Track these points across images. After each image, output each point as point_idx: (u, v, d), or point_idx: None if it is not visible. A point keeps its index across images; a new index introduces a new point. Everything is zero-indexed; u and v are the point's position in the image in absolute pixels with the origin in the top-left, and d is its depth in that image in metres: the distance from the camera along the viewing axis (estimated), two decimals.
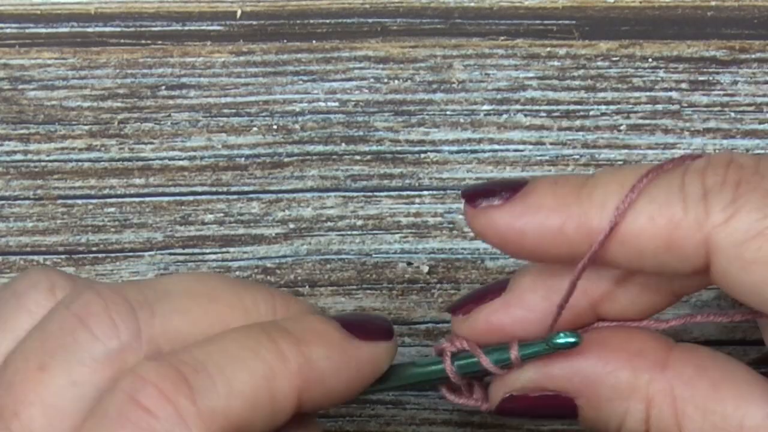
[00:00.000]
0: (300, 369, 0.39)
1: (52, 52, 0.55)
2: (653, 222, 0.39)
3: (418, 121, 0.55)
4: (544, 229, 0.40)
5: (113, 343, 0.39)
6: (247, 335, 0.40)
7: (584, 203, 0.39)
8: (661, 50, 0.55)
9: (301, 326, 0.41)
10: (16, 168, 0.55)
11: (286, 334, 0.40)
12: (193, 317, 0.40)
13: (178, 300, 0.40)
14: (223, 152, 0.55)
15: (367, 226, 0.55)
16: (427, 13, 0.55)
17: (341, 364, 0.40)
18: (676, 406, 0.40)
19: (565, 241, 0.40)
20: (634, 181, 0.39)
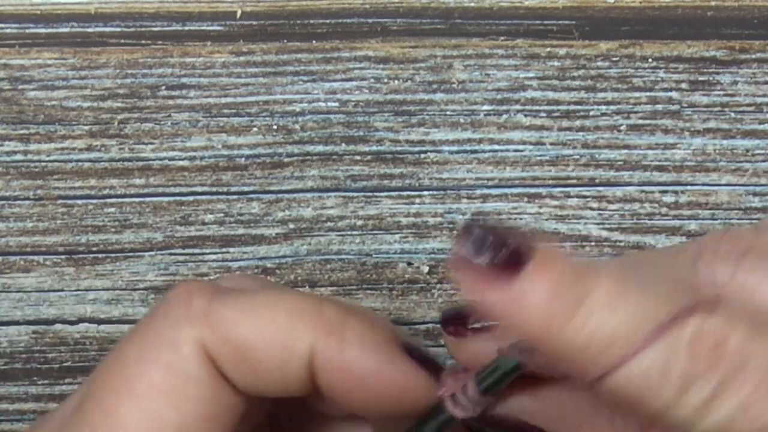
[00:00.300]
0: None
1: (52, 52, 0.55)
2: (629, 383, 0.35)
3: (418, 121, 0.55)
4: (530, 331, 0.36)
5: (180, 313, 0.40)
6: None
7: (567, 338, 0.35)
8: (661, 50, 0.55)
9: None
10: (16, 168, 0.55)
11: None
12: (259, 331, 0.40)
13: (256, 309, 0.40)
14: (223, 152, 0.55)
15: (367, 226, 0.55)
16: (427, 13, 0.55)
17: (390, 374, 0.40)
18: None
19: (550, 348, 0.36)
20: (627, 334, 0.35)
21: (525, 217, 0.55)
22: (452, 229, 0.55)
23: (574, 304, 0.35)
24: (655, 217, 0.55)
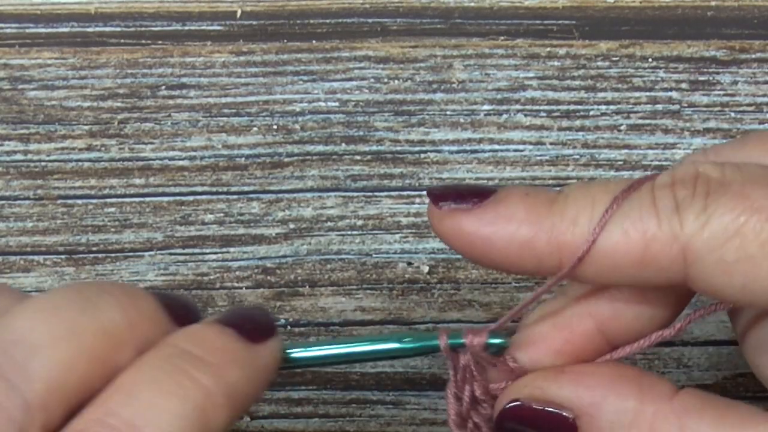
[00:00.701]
0: (226, 397, 0.39)
1: (52, 52, 0.55)
2: (627, 237, 0.39)
3: (418, 121, 0.55)
4: (514, 240, 0.39)
5: (11, 429, 0.37)
6: (163, 377, 0.38)
7: (556, 218, 0.39)
8: (661, 50, 0.55)
9: (208, 348, 0.40)
10: (16, 168, 0.55)
11: (199, 363, 0.39)
12: (67, 364, 0.39)
13: (47, 351, 0.39)
14: (223, 152, 0.55)
15: (367, 226, 0.55)
16: (427, 13, 0.55)
17: (251, 375, 0.40)
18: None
19: (534, 254, 0.39)
20: (605, 198, 0.39)
21: None
22: None
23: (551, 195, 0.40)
24: None
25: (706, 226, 0.38)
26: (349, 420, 0.55)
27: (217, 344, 0.40)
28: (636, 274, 0.39)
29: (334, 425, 0.55)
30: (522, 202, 0.40)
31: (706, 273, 0.38)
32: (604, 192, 0.39)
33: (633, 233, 0.39)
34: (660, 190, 0.39)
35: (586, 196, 0.40)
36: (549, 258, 0.39)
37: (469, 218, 0.40)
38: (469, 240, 0.40)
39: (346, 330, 0.55)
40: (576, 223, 0.39)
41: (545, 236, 0.39)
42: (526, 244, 0.39)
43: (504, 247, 0.40)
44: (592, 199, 0.39)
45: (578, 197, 0.40)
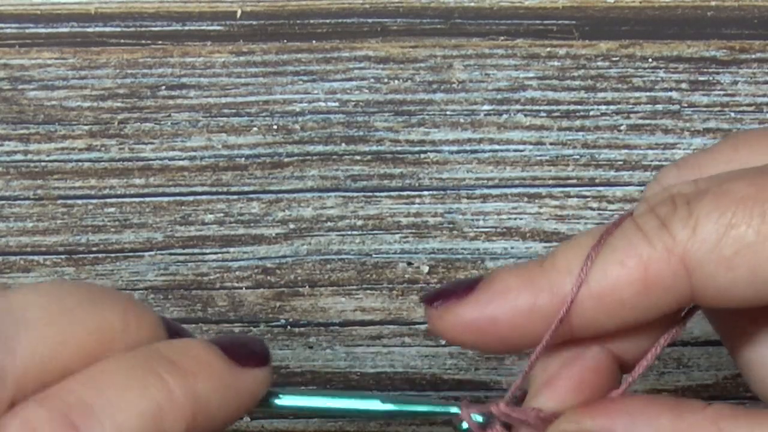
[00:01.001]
0: (188, 403, 0.38)
1: (52, 52, 0.55)
2: (625, 267, 0.38)
3: (418, 121, 0.55)
4: (517, 311, 0.39)
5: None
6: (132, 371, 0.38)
7: (550, 273, 0.39)
8: (661, 50, 0.55)
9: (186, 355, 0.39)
10: (16, 168, 0.55)
11: (171, 367, 0.39)
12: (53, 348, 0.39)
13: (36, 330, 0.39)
14: (223, 152, 0.55)
15: (367, 226, 0.55)
16: (427, 13, 0.55)
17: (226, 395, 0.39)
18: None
19: (540, 317, 0.39)
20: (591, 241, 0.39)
21: (525, 217, 0.55)
22: (452, 229, 0.55)
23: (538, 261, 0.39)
24: None
25: (696, 229, 0.38)
26: (349, 420, 0.55)
27: (195, 354, 0.40)
28: (643, 303, 0.39)
29: (334, 425, 0.55)
30: (513, 273, 0.39)
31: (709, 276, 0.38)
32: (588, 236, 0.39)
33: (628, 261, 0.38)
34: (641, 217, 0.39)
35: (572, 245, 0.39)
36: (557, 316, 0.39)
37: (467, 305, 0.39)
38: (475, 328, 0.39)
39: (346, 330, 0.55)
40: (570, 272, 0.39)
41: (546, 295, 0.39)
42: (530, 311, 0.39)
43: (510, 321, 0.39)
44: (578, 246, 0.39)
45: (565, 249, 0.39)
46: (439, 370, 0.55)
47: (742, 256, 0.38)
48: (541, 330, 0.39)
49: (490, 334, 0.39)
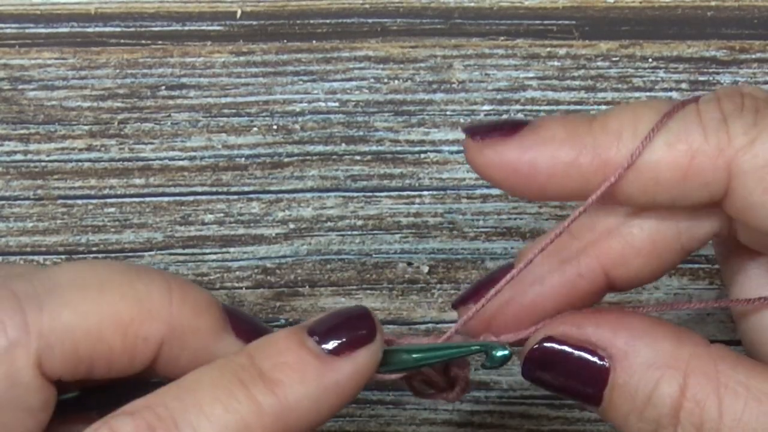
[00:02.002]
0: (276, 417, 0.38)
1: (52, 52, 0.55)
2: (673, 150, 0.38)
3: (418, 121, 0.55)
4: (557, 161, 0.39)
5: (1, 341, 0.38)
6: (219, 385, 0.39)
7: (598, 134, 0.39)
8: (661, 50, 0.55)
9: (275, 362, 0.39)
10: (16, 168, 0.55)
11: (260, 379, 0.39)
12: (83, 310, 0.39)
13: (68, 292, 0.39)
14: (223, 152, 0.55)
15: (367, 226, 0.55)
16: (427, 13, 0.55)
17: (321, 393, 0.39)
18: (719, 379, 0.39)
19: (579, 174, 0.39)
20: (649, 114, 0.39)
21: (525, 217, 0.55)
22: (452, 229, 0.55)
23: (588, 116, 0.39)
24: None
25: (756, 141, 0.37)
26: (349, 420, 0.55)
27: (285, 359, 0.39)
28: (678, 190, 0.38)
29: (334, 425, 0.55)
30: (561, 123, 0.39)
31: (747, 190, 0.38)
32: (647, 109, 0.39)
33: (679, 146, 0.38)
34: (705, 105, 0.38)
35: (628, 112, 0.39)
36: (594, 177, 0.39)
37: (510, 145, 0.39)
38: (513, 168, 0.39)
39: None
40: (620, 138, 0.38)
41: (589, 154, 0.39)
42: (571, 165, 0.39)
43: (548, 169, 0.39)
44: (634, 116, 0.39)
45: (620, 114, 0.39)
46: None
47: None
48: (574, 186, 0.39)
49: (526, 179, 0.39)
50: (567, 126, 0.39)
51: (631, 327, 0.40)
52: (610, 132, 0.39)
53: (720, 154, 0.38)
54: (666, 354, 0.39)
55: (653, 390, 0.39)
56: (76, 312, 0.39)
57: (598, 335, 0.40)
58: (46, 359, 0.39)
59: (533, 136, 0.39)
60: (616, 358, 0.40)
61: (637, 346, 0.39)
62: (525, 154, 0.39)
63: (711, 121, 0.38)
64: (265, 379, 0.39)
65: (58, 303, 0.39)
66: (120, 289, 0.40)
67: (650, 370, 0.39)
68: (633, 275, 0.41)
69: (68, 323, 0.39)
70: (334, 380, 0.39)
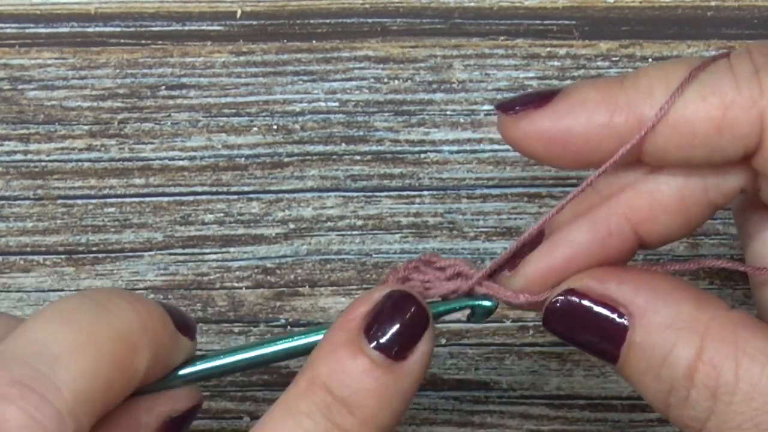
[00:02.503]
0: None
1: (52, 52, 0.55)
2: (706, 103, 0.38)
3: (418, 121, 0.55)
4: (592, 124, 0.39)
5: None
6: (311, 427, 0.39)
7: (630, 92, 0.39)
8: (661, 50, 0.55)
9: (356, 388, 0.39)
10: (16, 168, 0.55)
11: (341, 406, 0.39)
12: (91, 372, 0.39)
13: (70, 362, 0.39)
14: (223, 152, 0.55)
15: (367, 226, 0.55)
16: (427, 13, 0.55)
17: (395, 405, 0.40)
18: (737, 344, 0.39)
19: (615, 134, 0.39)
20: (680, 70, 0.39)
21: (525, 217, 0.55)
22: (452, 229, 0.55)
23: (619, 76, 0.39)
24: None
25: None
26: None
27: (368, 385, 0.40)
28: (713, 143, 0.38)
29: None
30: (592, 85, 0.39)
31: None
32: (677, 65, 0.39)
33: (712, 99, 0.38)
34: (737, 58, 0.39)
35: (658, 69, 0.39)
36: (630, 136, 0.39)
37: (544, 114, 0.39)
38: (549, 136, 0.39)
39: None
40: (652, 95, 0.39)
41: (623, 113, 0.39)
42: (606, 126, 0.39)
43: (584, 134, 0.39)
44: (664, 72, 0.39)
45: (650, 72, 0.39)
46: (439, 370, 0.55)
47: None
48: (612, 147, 0.39)
49: (563, 146, 0.39)
50: (598, 88, 0.39)
51: (654, 286, 0.40)
52: (641, 89, 0.39)
53: (753, 105, 0.38)
54: (686, 316, 0.39)
55: (670, 351, 0.39)
56: (85, 376, 0.39)
57: (619, 292, 0.40)
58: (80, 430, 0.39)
59: (566, 103, 0.39)
60: (636, 316, 0.40)
61: (658, 305, 0.39)
62: (560, 122, 0.39)
63: (743, 73, 0.38)
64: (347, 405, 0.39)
65: (69, 378, 0.39)
66: (107, 334, 0.40)
67: (668, 331, 0.39)
68: (662, 232, 0.41)
69: (86, 390, 0.39)
70: (409, 383, 0.40)
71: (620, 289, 0.40)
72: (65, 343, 0.39)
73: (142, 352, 0.40)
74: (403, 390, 0.40)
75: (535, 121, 0.39)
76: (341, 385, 0.40)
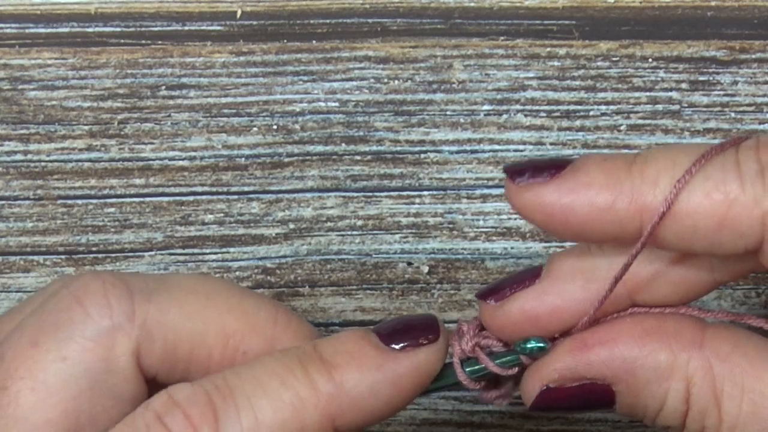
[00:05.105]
0: (331, 397, 0.39)
1: (52, 52, 0.55)
2: (709, 199, 0.38)
3: (418, 121, 0.55)
4: (595, 206, 0.39)
5: (105, 323, 0.40)
6: (280, 362, 0.40)
7: (636, 180, 0.39)
8: (661, 50, 0.55)
9: (334, 348, 0.40)
10: (16, 168, 0.55)
11: (319, 362, 0.40)
12: (189, 311, 0.41)
13: (177, 293, 0.41)
14: (223, 152, 0.55)
15: (367, 226, 0.55)
16: (427, 13, 0.55)
17: (377, 384, 0.40)
18: (715, 385, 0.40)
19: (615, 219, 0.39)
20: (686, 159, 0.39)
21: None
22: (452, 229, 0.55)
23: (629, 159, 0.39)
24: None
25: None
26: None
27: (346, 348, 0.40)
28: (714, 238, 0.38)
29: None
30: (600, 167, 0.39)
31: None
32: (685, 154, 0.39)
33: (715, 195, 0.38)
34: (744, 153, 0.39)
35: (667, 157, 0.39)
36: (630, 222, 0.39)
37: (549, 189, 0.39)
38: (550, 211, 0.39)
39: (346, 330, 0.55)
40: (657, 185, 0.39)
41: (626, 199, 0.39)
42: (607, 210, 0.39)
43: (585, 214, 0.39)
44: (672, 161, 0.39)
45: (658, 158, 0.39)
46: None
47: None
48: (610, 230, 0.39)
49: (563, 221, 0.40)
50: (606, 170, 0.39)
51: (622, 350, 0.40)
52: (647, 179, 0.39)
53: (756, 205, 0.38)
54: (665, 366, 0.40)
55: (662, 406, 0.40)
56: (183, 312, 0.41)
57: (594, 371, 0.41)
58: (145, 351, 0.40)
59: (572, 181, 0.39)
60: (620, 386, 0.40)
61: (635, 368, 0.40)
62: (563, 199, 0.39)
63: (748, 171, 0.38)
64: (324, 362, 0.40)
65: (166, 299, 0.40)
66: (228, 302, 0.41)
67: (654, 387, 0.40)
68: (659, 300, 0.41)
69: (173, 320, 0.40)
70: (392, 370, 0.40)
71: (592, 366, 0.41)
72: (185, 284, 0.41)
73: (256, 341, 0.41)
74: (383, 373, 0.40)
75: (539, 195, 0.40)
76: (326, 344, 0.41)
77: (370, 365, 0.40)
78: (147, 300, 0.40)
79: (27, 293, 0.55)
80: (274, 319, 0.42)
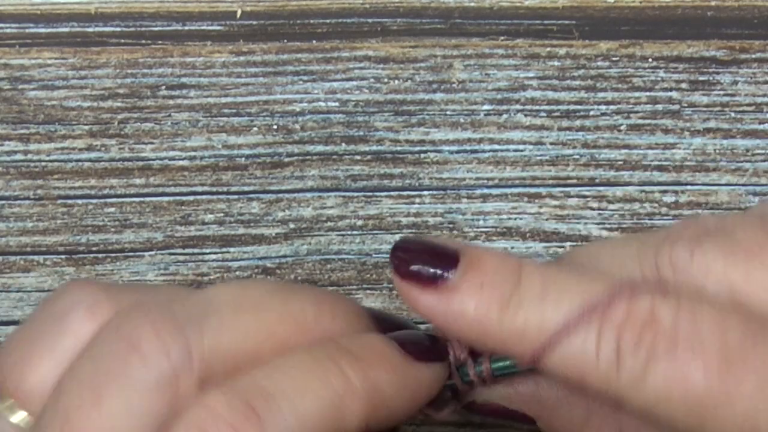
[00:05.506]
0: (366, 393, 0.39)
1: (52, 52, 0.55)
2: (566, 363, 0.39)
3: (418, 121, 0.55)
4: (468, 329, 0.40)
5: (165, 367, 0.38)
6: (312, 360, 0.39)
7: (504, 328, 0.39)
8: (661, 50, 0.55)
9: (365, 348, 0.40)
10: (16, 168, 0.55)
11: (350, 357, 0.40)
12: (243, 333, 0.40)
13: (225, 315, 0.40)
14: (223, 152, 0.55)
15: (367, 226, 0.55)
16: (427, 13, 0.55)
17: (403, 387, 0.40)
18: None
19: (489, 341, 0.40)
20: (557, 317, 0.39)
21: (525, 217, 0.55)
22: (452, 229, 0.55)
23: (505, 296, 0.39)
24: (655, 217, 0.55)
25: (641, 386, 0.38)
26: None
27: (375, 347, 0.41)
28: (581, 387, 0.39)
29: None
30: (474, 297, 0.39)
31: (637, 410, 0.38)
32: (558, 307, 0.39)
33: (572, 361, 0.38)
34: (608, 332, 0.38)
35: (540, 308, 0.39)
36: (504, 345, 0.40)
37: (426, 296, 0.40)
38: (430, 315, 0.40)
39: None
40: (523, 337, 0.39)
41: (494, 341, 0.40)
42: (481, 335, 0.40)
43: (460, 331, 0.40)
44: (542, 314, 0.39)
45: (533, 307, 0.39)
46: None
47: None
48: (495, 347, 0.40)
49: (442, 327, 0.40)
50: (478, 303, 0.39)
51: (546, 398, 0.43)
52: (515, 328, 0.39)
53: (608, 384, 0.38)
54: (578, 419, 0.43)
55: None
56: (237, 335, 0.40)
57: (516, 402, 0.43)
58: (208, 382, 0.39)
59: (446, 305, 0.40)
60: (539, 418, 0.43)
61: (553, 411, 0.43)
62: (436, 310, 0.40)
63: (605, 351, 0.38)
64: (356, 359, 0.40)
65: (217, 326, 0.39)
66: (276, 309, 0.41)
67: None
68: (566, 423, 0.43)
69: (229, 346, 0.39)
70: (414, 376, 0.41)
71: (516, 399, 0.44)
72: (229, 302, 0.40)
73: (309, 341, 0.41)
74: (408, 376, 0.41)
75: (418, 298, 0.40)
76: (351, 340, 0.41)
77: (397, 366, 0.41)
78: (199, 332, 0.39)
79: (27, 293, 0.55)
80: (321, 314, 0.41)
